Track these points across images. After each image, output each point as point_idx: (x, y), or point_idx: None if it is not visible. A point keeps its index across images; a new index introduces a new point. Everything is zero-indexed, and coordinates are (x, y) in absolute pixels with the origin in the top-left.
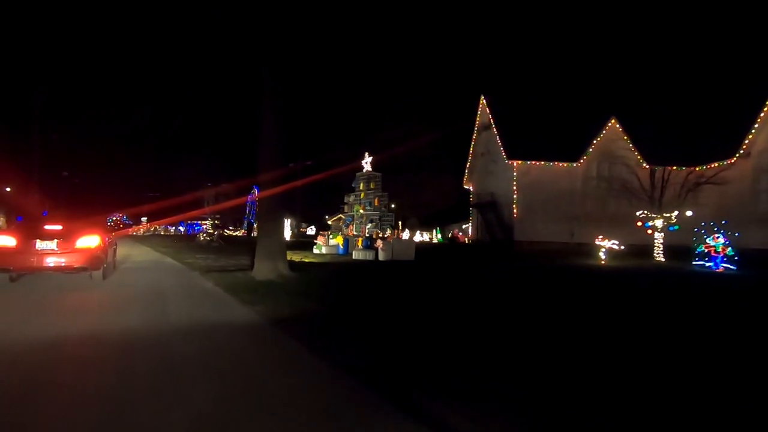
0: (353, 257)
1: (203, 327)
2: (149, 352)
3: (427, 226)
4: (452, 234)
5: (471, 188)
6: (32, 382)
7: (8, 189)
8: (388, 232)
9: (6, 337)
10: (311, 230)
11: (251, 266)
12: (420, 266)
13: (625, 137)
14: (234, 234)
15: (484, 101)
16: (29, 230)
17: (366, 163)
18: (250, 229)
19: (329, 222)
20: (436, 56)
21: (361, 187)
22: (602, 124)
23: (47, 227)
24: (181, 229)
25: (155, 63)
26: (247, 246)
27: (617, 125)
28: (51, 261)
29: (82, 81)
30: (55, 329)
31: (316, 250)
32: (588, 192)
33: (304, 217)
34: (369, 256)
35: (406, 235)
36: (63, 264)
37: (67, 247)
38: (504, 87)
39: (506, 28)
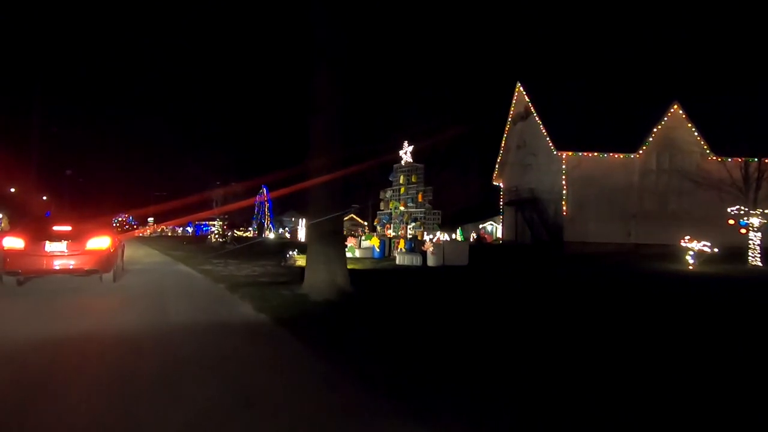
0: (397, 262)
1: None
2: None
3: (445, 226)
4: (479, 234)
5: (501, 185)
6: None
7: (12, 189)
8: (438, 233)
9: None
10: None
11: (289, 276)
12: (485, 274)
13: (690, 124)
14: (244, 235)
15: (521, 88)
16: (38, 231)
17: (405, 153)
18: (261, 229)
19: None
20: (462, 44)
21: (400, 181)
22: (663, 109)
23: (56, 228)
24: (189, 230)
25: (165, 47)
26: (263, 248)
27: (680, 111)
28: (61, 263)
29: (85, 76)
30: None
31: (348, 254)
32: (647, 186)
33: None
34: (416, 261)
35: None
36: (73, 266)
37: (78, 249)
38: (539, 74)
39: (536, 9)
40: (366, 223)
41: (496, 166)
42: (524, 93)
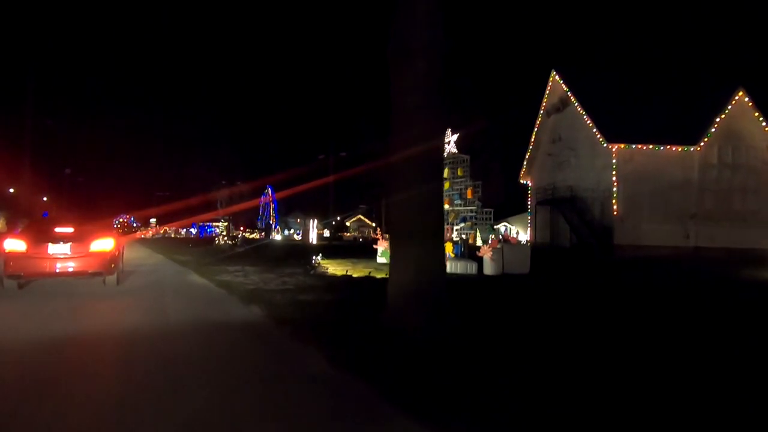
0: (448, 270)
1: None
2: None
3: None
4: (502, 236)
5: (530, 182)
6: None
7: (12, 190)
8: (492, 236)
9: None
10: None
11: (335, 292)
12: (570, 287)
13: (757, 113)
14: (251, 236)
15: (557, 77)
16: (40, 233)
17: (449, 143)
18: (268, 231)
19: (347, 223)
20: (478, 36)
21: (444, 175)
22: (726, 97)
23: (59, 229)
24: (193, 231)
25: (168, 43)
26: (275, 250)
27: (746, 98)
28: (64, 266)
29: (87, 74)
30: None
31: (381, 259)
32: (708, 183)
33: (321, 216)
34: (470, 268)
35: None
36: (77, 269)
37: (81, 251)
38: (572, 62)
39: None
40: (374, 225)
41: (524, 162)
42: (560, 82)
